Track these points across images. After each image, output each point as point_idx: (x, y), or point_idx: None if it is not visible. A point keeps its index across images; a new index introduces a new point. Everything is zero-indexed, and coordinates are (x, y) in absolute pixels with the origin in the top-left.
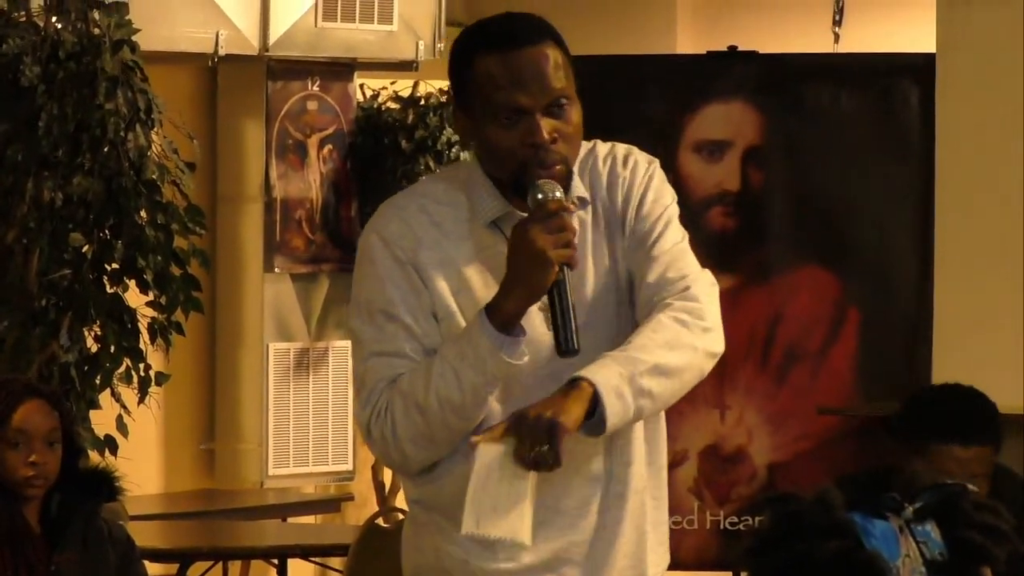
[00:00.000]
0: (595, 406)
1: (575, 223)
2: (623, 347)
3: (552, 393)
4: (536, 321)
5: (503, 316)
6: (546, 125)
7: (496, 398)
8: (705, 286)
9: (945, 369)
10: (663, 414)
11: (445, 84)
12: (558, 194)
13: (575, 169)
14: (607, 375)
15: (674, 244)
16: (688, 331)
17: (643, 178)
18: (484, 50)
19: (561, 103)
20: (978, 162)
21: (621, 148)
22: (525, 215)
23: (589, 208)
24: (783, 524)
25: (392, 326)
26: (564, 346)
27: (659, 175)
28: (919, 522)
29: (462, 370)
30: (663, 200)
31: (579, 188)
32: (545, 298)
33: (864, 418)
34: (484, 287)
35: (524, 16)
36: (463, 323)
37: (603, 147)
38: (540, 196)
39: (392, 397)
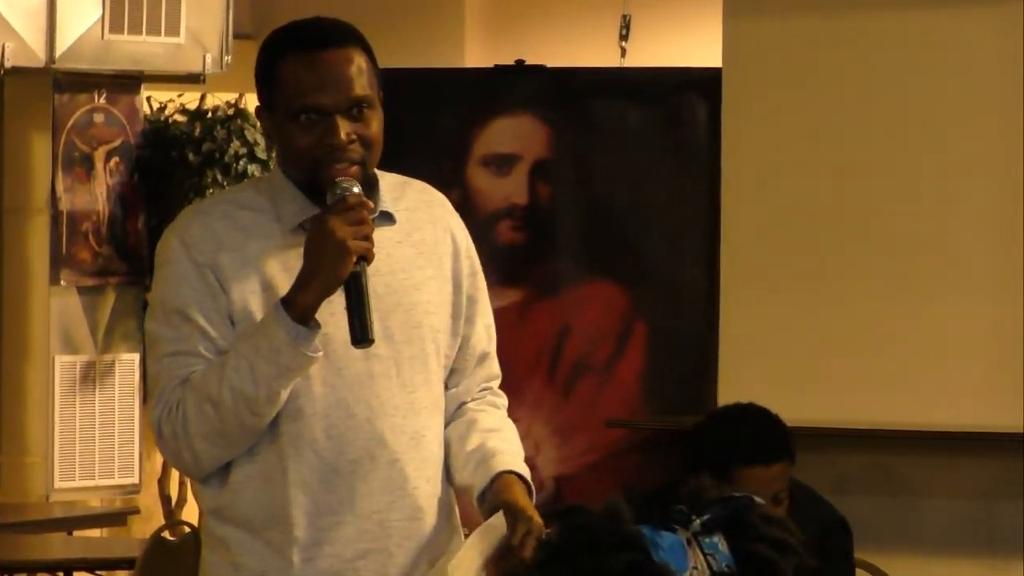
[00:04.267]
0: None
1: (383, 237)
2: (517, 447)
3: (518, 488)
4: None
5: (299, 308)
6: (344, 127)
7: (320, 385)
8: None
9: (730, 383)
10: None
11: (232, 96)
12: (356, 190)
13: (383, 187)
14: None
15: (494, 337)
16: None
17: (467, 239)
18: (289, 51)
19: (361, 107)
20: (763, 176)
21: (436, 192)
22: None
23: (401, 231)
24: (571, 537)
25: (187, 327)
26: (359, 336)
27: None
28: (707, 535)
29: (256, 362)
30: (481, 273)
31: (385, 203)
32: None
33: (650, 431)
34: (288, 288)
35: (333, 21)
36: None
37: (415, 182)
38: (339, 191)
39: (184, 393)
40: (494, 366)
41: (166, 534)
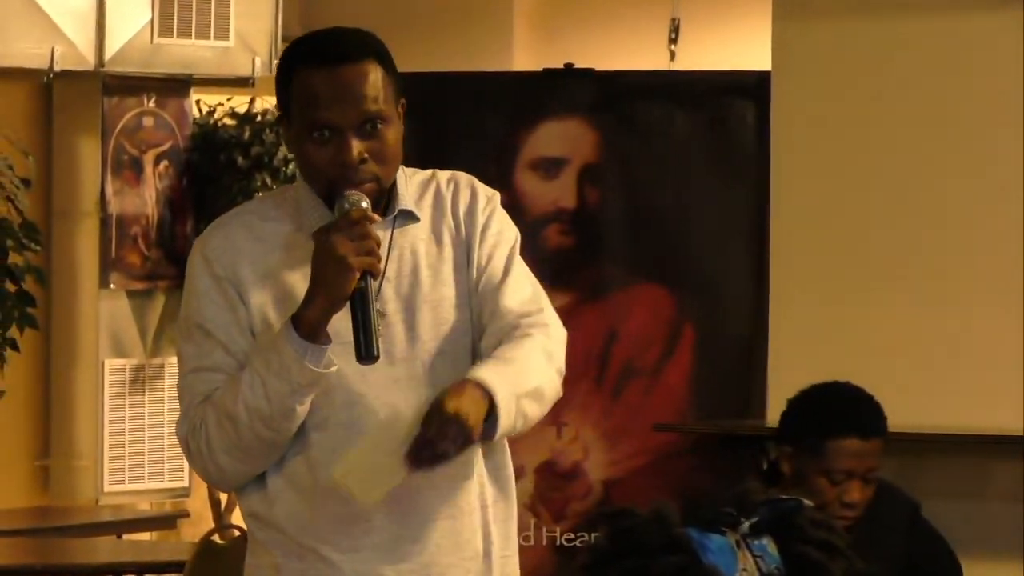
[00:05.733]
0: (488, 416)
1: (408, 236)
2: (504, 360)
3: (459, 388)
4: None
5: (307, 324)
6: (357, 145)
7: (345, 392)
8: (561, 331)
9: (780, 386)
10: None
11: None
12: (364, 204)
13: (402, 186)
14: (504, 390)
15: (526, 277)
16: (551, 367)
17: (486, 209)
18: (304, 64)
19: (375, 123)
20: (812, 181)
21: (463, 177)
22: None
23: (426, 228)
24: (618, 539)
25: (209, 342)
26: (363, 352)
27: (500, 208)
28: (755, 537)
29: (268, 379)
30: (508, 233)
31: (405, 202)
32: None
33: (699, 434)
34: None
35: (350, 32)
36: None
37: (443, 174)
38: (345, 205)
39: (206, 410)
40: (508, 299)
41: (215, 537)
